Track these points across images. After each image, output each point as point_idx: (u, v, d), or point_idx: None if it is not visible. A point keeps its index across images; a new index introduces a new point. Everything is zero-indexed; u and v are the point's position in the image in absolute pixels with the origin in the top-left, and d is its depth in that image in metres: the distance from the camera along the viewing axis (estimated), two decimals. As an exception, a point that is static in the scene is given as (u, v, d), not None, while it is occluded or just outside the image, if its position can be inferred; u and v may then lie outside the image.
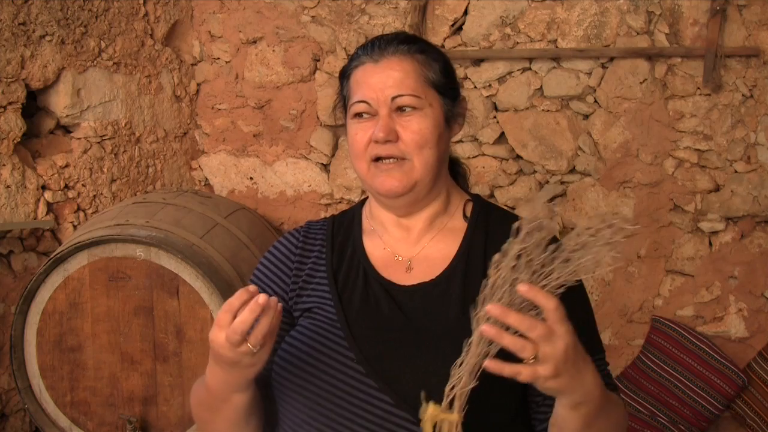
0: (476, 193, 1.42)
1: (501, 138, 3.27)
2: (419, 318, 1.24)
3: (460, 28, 3.25)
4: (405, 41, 1.30)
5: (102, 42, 2.96)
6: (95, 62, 2.93)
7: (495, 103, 3.26)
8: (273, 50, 3.48)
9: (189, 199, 2.82)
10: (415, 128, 1.25)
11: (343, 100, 1.36)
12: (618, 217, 1.00)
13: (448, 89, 1.31)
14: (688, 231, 3.13)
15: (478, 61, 3.24)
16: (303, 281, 1.33)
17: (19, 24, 2.56)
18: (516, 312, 0.97)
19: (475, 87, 3.25)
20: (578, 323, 1.27)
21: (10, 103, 2.57)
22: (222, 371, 1.14)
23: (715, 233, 3.11)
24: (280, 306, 1.08)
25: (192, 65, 3.58)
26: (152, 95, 3.30)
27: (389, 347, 1.21)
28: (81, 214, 2.90)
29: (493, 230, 1.32)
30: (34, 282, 2.44)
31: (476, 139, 3.28)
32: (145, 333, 2.48)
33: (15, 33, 2.55)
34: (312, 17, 3.41)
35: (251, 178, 3.60)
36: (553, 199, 3.24)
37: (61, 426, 2.53)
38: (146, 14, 3.24)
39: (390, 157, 1.26)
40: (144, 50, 3.23)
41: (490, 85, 3.24)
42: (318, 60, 3.45)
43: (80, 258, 2.46)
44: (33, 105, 2.79)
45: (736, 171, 3.04)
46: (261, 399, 1.27)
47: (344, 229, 1.39)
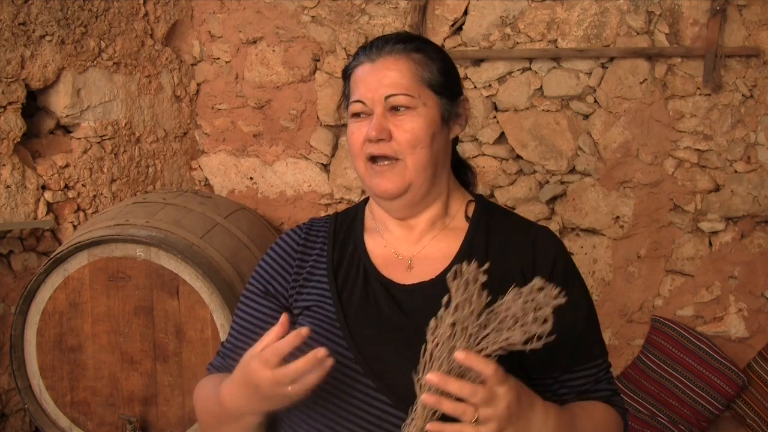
0: (480, 194, 1.42)
1: (501, 138, 3.27)
2: (419, 317, 1.23)
3: (460, 28, 3.25)
4: (402, 40, 1.30)
5: (102, 42, 2.96)
6: (95, 62, 2.93)
7: (495, 103, 3.26)
8: (273, 50, 3.48)
9: (189, 199, 2.82)
10: (408, 127, 1.25)
11: (346, 100, 1.36)
12: (545, 292, 1.03)
13: (446, 89, 1.31)
14: (688, 231, 3.13)
15: (478, 61, 3.24)
16: (304, 278, 1.33)
17: (19, 24, 2.56)
18: (455, 379, 1.00)
19: (475, 87, 3.25)
20: (580, 328, 1.27)
21: (10, 103, 2.57)
22: (246, 398, 1.15)
23: (715, 233, 3.11)
24: (331, 362, 1.08)
25: (192, 65, 3.58)
26: (152, 95, 3.30)
27: (388, 347, 1.21)
28: (81, 214, 2.90)
29: (495, 231, 1.32)
30: (34, 282, 2.44)
31: (476, 139, 3.28)
32: (145, 333, 2.48)
33: (15, 33, 2.55)
34: (312, 17, 3.41)
35: (251, 178, 3.60)
36: (553, 200, 3.25)
37: (61, 426, 2.53)
38: (146, 14, 3.24)
39: (383, 157, 1.26)
40: (144, 50, 3.23)
41: (490, 85, 3.24)
42: (318, 60, 3.45)
43: (80, 258, 2.46)
44: (33, 105, 2.79)
45: (736, 171, 3.04)
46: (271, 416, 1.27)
47: (346, 227, 1.39)
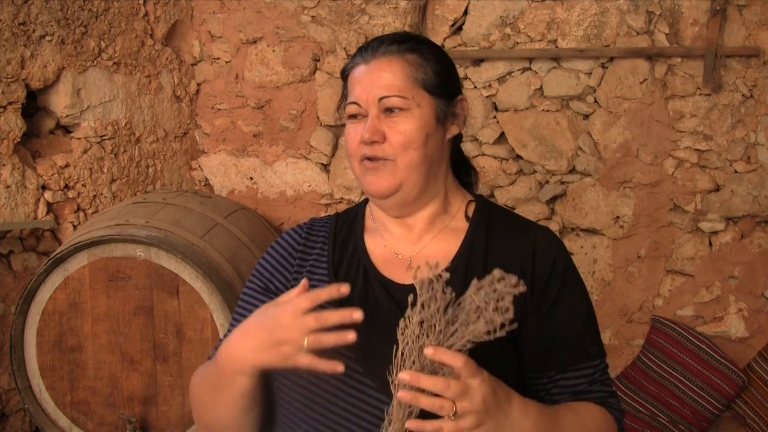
0: (480, 195, 1.42)
1: (501, 138, 3.27)
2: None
3: (460, 28, 3.25)
4: (396, 41, 1.29)
5: (102, 42, 2.96)
6: (95, 62, 2.93)
7: (495, 103, 3.26)
8: (273, 50, 3.48)
9: (189, 199, 2.82)
10: (401, 129, 1.25)
11: (345, 101, 1.36)
12: (505, 282, 1.03)
13: (441, 89, 1.30)
14: (688, 231, 3.13)
15: (478, 61, 3.24)
16: (303, 277, 1.33)
17: (19, 24, 2.56)
18: (428, 376, 1.00)
19: (475, 87, 3.25)
20: (577, 328, 1.27)
21: (10, 103, 2.57)
22: (250, 343, 1.14)
23: (715, 233, 3.11)
24: (354, 336, 1.08)
25: (192, 65, 3.58)
26: (152, 95, 3.30)
27: (388, 346, 1.21)
28: (81, 214, 2.90)
29: (496, 231, 1.32)
30: (34, 282, 2.44)
31: (476, 139, 3.28)
32: (145, 333, 2.48)
33: (15, 33, 2.55)
34: (312, 17, 3.41)
35: (251, 178, 3.60)
36: (553, 200, 3.25)
37: (61, 426, 2.53)
38: (146, 14, 3.24)
39: (377, 158, 1.27)
40: (144, 50, 3.23)
41: (490, 85, 3.24)
42: (318, 60, 3.45)
43: (80, 258, 2.46)
44: (33, 105, 2.79)
45: (736, 171, 3.04)
46: (263, 396, 1.26)
47: (347, 227, 1.39)
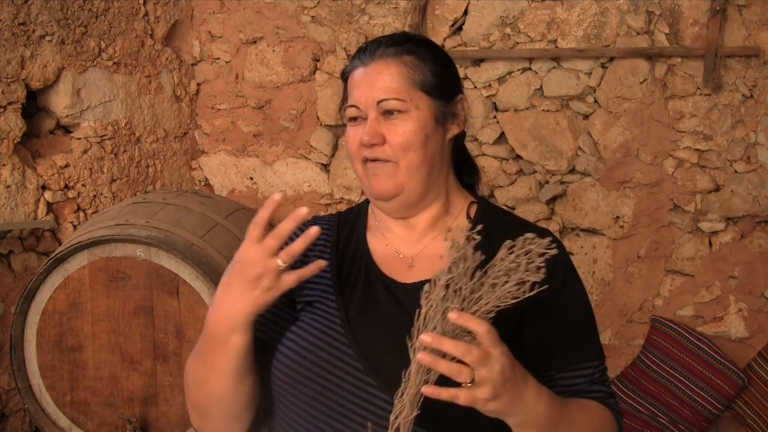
0: (482, 196, 1.42)
1: (501, 138, 3.27)
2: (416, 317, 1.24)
3: (460, 28, 3.25)
4: (394, 43, 1.30)
5: (102, 42, 2.96)
6: (95, 62, 2.93)
7: (495, 103, 3.26)
8: (273, 50, 3.48)
9: (189, 199, 2.82)
10: (400, 131, 1.26)
11: (345, 102, 1.37)
12: (536, 241, 1.04)
13: (440, 89, 1.30)
14: (688, 231, 3.13)
15: (478, 61, 3.24)
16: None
17: (19, 24, 2.56)
18: (450, 339, 1.00)
19: (475, 87, 3.25)
20: (576, 329, 1.27)
21: (10, 103, 2.57)
22: (231, 299, 1.15)
23: (715, 233, 3.11)
24: (322, 263, 1.13)
25: (192, 65, 3.58)
26: (152, 95, 3.30)
27: (389, 345, 1.21)
28: (81, 214, 2.90)
29: (497, 232, 1.32)
30: (34, 282, 2.44)
31: (476, 139, 3.28)
32: (145, 333, 2.48)
33: (15, 33, 2.55)
34: (312, 17, 3.41)
35: (251, 178, 3.60)
36: (553, 200, 3.25)
37: (61, 426, 2.53)
38: (146, 14, 3.24)
39: (378, 160, 1.27)
40: (144, 50, 3.23)
41: (490, 85, 3.24)
42: (318, 60, 3.44)
43: (80, 258, 2.46)
44: (33, 105, 2.79)
45: (736, 171, 3.04)
46: (255, 367, 1.26)
47: (349, 225, 1.40)
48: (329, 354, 1.22)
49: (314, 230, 1.11)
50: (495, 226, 1.33)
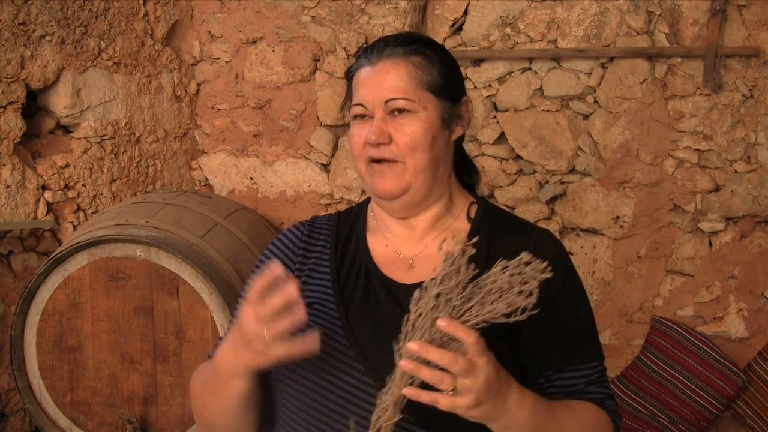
0: (482, 196, 1.42)
1: (501, 138, 3.27)
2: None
3: (460, 28, 3.25)
4: (402, 43, 1.30)
5: (102, 42, 2.96)
6: (95, 62, 2.93)
7: (495, 103, 3.26)
8: (273, 50, 3.48)
9: (189, 199, 2.82)
10: (407, 131, 1.26)
11: (349, 101, 1.37)
12: (532, 266, 1.04)
13: (446, 91, 1.31)
14: (688, 231, 3.13)
15: (478, 61, 3.24)
16: (306, 275, 1.33)
17: (19, 24, 2.56)
18: (436, 348, 1.01)
19: (475, 87, 3.25)
20: (575, 329, 1.27)
21: (10, 103, 2.57)
22: (232, 348, 1.16)
23: (715, 233, 3.11)
24: (301, 307, 1.08)
25: (192, 65, 3.58)
26: (152, 95, 3.30)
27: (389, 346, 1.21)
28: (81, 214, 2.90)
29: (497, 233, 1.32)
30: (34, 282, 2.44)
31: (476, 139, 3.28)
32: (145, 333, 2.48)
33: (15, 33, 2.55)
34: (312, 17, 3.41)
35: (251, 178, 3.60)
36: (553, 200, 3.25)
37: (61, 426, 2.53)
38: (146, 14, 3.24)
39: (384, 160, 1.27)
40: (144, 50, 3.23)
41: (490, 85, 3.24)
42: (318, 60, 3.44)
43: (80, 258, 2.46)
44: (33, 105, 2.79)
45: (736, 171, 3.04)
46: (260, 398, 1.27)
47: (349, 226, 1.40)
48: (329, 355, 1.22)
49: (276, 269, 1.08)
50: (495, 227, 1.33)
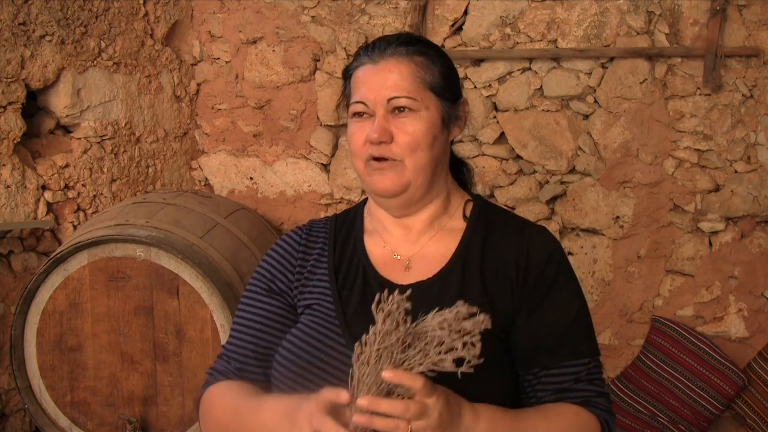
0: (477, 194, 1.43)
1: (501, 138, 3.27)
2: (416, 316, 1.24)
3: (460, 28, 3.25)
4: (405, 43, 1.31)
5: (102, 42, 2.96)
6: (95, 62, 2.93)
7: (495, 103, 3.26)
8: (273, 50, 3.48)
9: (189, 199, 2.82)
10: (409, 130, 1.26)
11: (346, 100, 1.37)
12: (473, 320, 1.04)
13: (447, 91, 1.32)
14: (688, 231, 3.13)
15: (478, 61, 3.24)
16: (305, 278, 1.34)
17: (19, 24, 2.56)
18: (386, 399, 1.02)
19: (475, 87, 3.25)
20: (564, 327, 1.27)
21: (10, 103, 2.58)
22: (289, 422, 1.12)
23: (715, 233, 3.11)
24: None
25: (192, 65, 3.58)
26: (152, 95, 3.30)
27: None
28: (81, 214, 2.90)
29: (492, 230, 1.33)
30: (34, 282, 2.44)
31: (476, 139, 3.28)
32: (145, 333, 2.48)
33: (15, 33, 2.55)
34: (312, 17, 3.41)
35: (251, 178, 3.60)
36: (553, 200, 3.25)
37: (61, 426, 2.53)
38: (146, 14, 3.24)
39: (384, 158, 1.27)
40: (144, 50, 3.23)
41: (490, 85, 3.24)
42: (318, 60, 3.45)
43: (80, 258, 2.46)
44: (33, 105, 2.79)
45: (736, 171, 3.04)
46: (264, 374, 1.30)
47: (346, 228, 1.40)
48: (328, 355, 1.22)
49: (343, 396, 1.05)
50: (490, 225, 1.34)
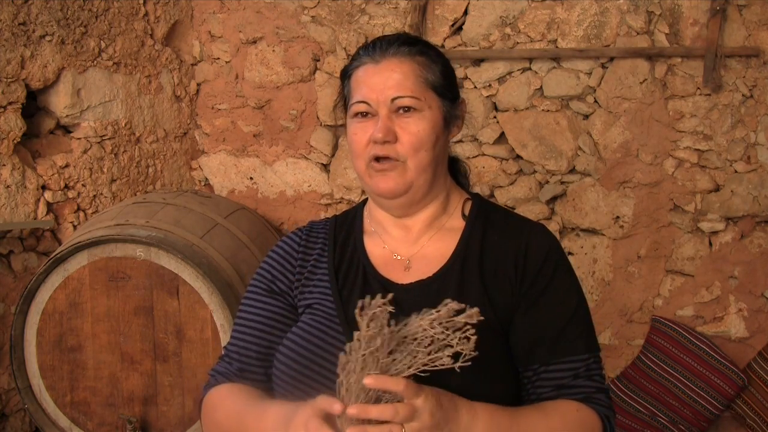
0: (476, 193, 1.43)
1: (501, 138, 3.27)
2: None
3: (460, 28, 3.25)
4: (406, 43, 1.31)
5: (102, 42, 2.96)
6: (95, 62, 2.93)
7: (495, 103, 3.26)
8: (273, 50, 3.48)
9: (189, 199, 2.82)
10: (413, 130, 1.26)
11: (344, 100, 1.37)
12: (462, 316, 1.04)
13: (448, 91, 1.33)
14: (688, 231, 3.13)
15: (478, 61, 3.24)
16: (305, 278, 1.35)
17: (19, 24, 2.56)
18: (375, 406, 1.02)
19: (475, 87, 3.25)
20: (562, 323, 1.27)
21: (10, 103, 2.58)
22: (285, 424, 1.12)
23: (715, 233, 3.11)
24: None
25: (192, 65, 3.58)
26: (152, 95, 3.30)
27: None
28: (81, 214, 2.90)
29: (491, 229, 1.33)
30: (34, 282, 2.44)
31: (476, 139, 3.28)
32: (145, 333, 2.48)
33: (15, 33, 2.55)
34: (312, 17, 3.41)
35: (251, 178, 3.60)
36: (553, 200, 3.25)
37: (61, 426, 2.53)
38: (146, 14, 3.24)
39: (386, 158, 1.27)
40: (144, 50, 3.23)
41: (490, 85, 3.24)
42: (318, 60, 3.45)
43: (80, 258, 2.46)
44: (33, 105, 2.79)
45: (736, 171, 3.04)
46: (266, 373, 1.30)
47: (346, 228, 1.41)
48: (329, 354, 1.22)
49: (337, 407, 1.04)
50: (489, 223, 1.34)
